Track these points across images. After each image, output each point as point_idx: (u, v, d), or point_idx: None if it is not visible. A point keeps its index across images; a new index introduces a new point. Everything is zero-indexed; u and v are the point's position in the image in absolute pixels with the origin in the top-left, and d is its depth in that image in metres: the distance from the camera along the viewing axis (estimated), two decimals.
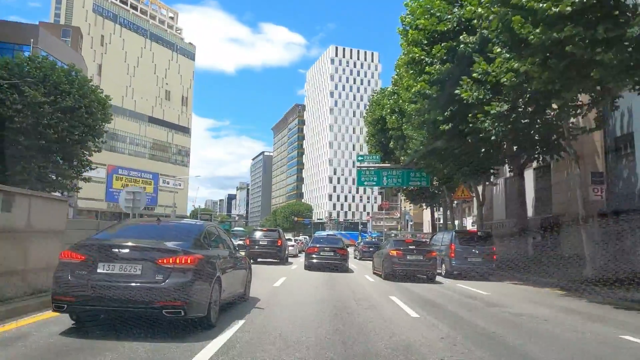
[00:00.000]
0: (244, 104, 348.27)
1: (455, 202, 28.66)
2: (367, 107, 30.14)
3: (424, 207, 40.83)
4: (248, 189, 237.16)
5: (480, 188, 22.23)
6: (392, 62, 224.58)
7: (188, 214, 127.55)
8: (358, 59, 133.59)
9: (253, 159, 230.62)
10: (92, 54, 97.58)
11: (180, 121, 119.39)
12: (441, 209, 33.86)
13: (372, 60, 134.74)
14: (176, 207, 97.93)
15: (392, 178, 27.56)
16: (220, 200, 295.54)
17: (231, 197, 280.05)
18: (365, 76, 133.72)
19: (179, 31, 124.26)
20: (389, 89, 29.26)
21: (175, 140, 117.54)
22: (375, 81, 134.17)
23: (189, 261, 5.09)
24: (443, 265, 16.71)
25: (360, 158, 30.39)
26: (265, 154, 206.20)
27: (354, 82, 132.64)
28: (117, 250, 5.10)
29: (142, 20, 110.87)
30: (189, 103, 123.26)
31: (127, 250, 5.13)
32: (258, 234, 22.81)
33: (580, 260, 13.62)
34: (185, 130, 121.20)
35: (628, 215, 12.83)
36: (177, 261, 5.05)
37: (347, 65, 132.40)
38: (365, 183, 29.00)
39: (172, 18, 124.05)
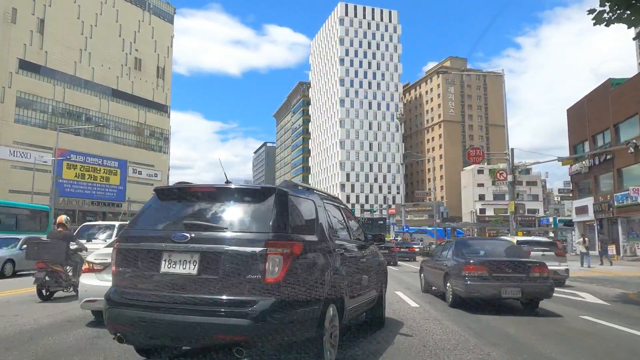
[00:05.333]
0: (250, 106, 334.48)
1: None
2: None
3: None
4: None
5: None
6: (414, 23, 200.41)
7: None
8: (373, 18, 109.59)
9: (255, 152, 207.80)
10: (31, 5, 75.18)
11: (156, 97, 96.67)
12: None
13: (390, 21, 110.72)
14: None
15: None
16: None
17: None
18: (382, 39, 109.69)
19: None
20: None
21: (149, 120, 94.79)
22: (394, 45, 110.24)
23: None
24: None
25: None
26: (268, 145, 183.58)
27: (369, 47, 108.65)
28: None
29: None
30: (167, 76, 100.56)
31: None
32: None
33: None
34: (162, 109, 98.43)
35: None
36: None
37: (360, 27, 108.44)
38: None
39: None
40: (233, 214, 3.68)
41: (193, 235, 3.45)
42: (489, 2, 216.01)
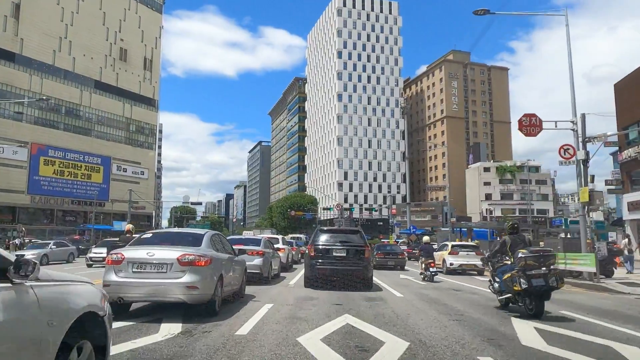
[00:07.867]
0: (246, 108, 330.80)
1: None
2: None
3: None
4: (245, 187, 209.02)
5: None
6: (415, 14, 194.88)
7: (155, 213, 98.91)
8: (372, 9, 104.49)
9: (250, 152, 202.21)
10: None
11: (143, 90, 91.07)
12: None
13: (390, 12, 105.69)
14: (136, 203, 69.15)
15: None
16: (219, 201, 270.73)
17: (229, 197, 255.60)
18: (382, 32, 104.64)
19: None
20: None
21: (135, 115, 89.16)
22: (394, 38, 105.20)
23: None
24: None
25: None
26: (263, 144, 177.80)
27: (368, 39, 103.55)
28: None
29: None
30: (155, 68, 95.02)
31: None
32: None
33: None
34: (150, 103, 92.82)
35: None
36: None
37: (359, 18, 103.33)
38: None
39: None
40: (352, 238, 12.49)
41: (344, 243, 12.19)
42: None
